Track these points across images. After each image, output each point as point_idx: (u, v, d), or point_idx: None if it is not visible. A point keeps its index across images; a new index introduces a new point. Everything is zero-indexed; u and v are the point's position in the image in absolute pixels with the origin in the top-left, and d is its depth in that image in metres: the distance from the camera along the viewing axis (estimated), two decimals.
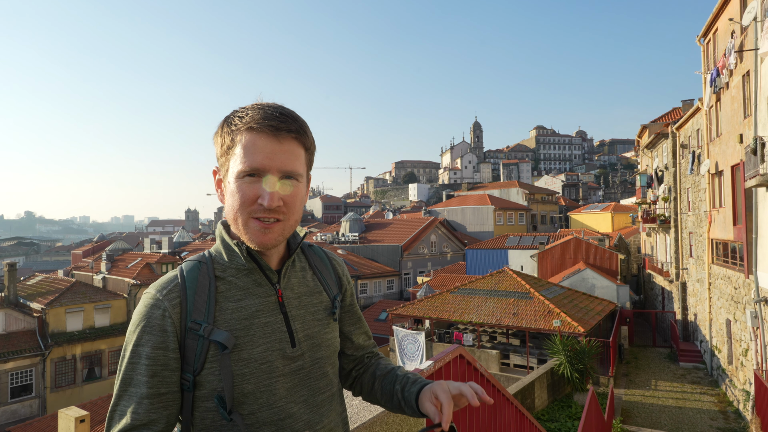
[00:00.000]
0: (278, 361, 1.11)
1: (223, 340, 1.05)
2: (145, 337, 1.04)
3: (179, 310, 1.07)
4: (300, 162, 1.10)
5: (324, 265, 1.35)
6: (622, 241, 34.91)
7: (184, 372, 1.06)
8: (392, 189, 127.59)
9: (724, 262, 15.42)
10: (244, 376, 1.06)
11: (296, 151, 1.08)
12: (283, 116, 1.07)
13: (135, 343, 1.05)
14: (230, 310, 1.10)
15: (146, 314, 1.06)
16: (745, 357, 13.40)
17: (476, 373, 3.42)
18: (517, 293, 19.77)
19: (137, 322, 1.06)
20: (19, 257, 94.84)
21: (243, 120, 1.06)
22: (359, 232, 48.70)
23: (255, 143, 1.04)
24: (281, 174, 1.06)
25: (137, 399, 1.02)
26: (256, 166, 1.04)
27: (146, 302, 1.08)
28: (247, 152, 1.04)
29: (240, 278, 1.13)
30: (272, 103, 1.11)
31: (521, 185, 64.07)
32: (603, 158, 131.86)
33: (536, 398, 14.08)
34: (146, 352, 1.03)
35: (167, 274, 1.14)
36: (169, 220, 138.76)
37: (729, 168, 14.47)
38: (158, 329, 1.05)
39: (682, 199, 21.53)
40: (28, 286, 29.46)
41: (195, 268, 1.14)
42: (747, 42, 12.64)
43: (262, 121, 1.05)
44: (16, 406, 22.67)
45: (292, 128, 1.07)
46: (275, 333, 1.12)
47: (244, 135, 1.05)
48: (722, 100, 15.16)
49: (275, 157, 1.05)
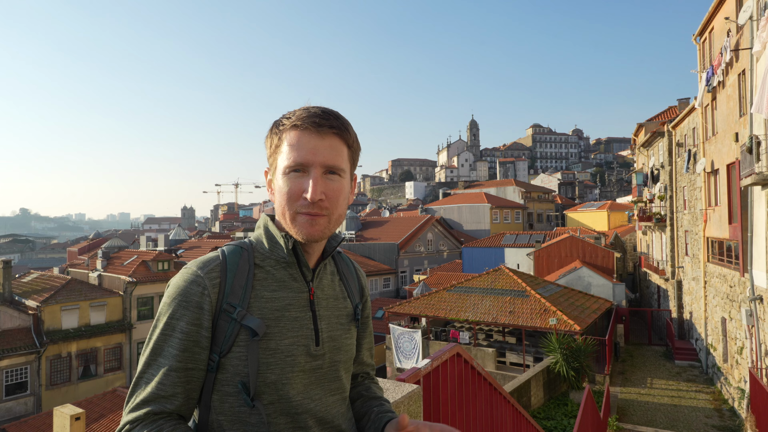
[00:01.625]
0: (301, 357, 1.13)
1: (255, 326, 1.07)
2: (180, 311, 1.06)
3: (218, 290, 1.09)
4: (342, 158, 1.14)
5: (350, 273, 1.38)
6: (618, 239, 35.02)
7: (211, 352, 1.08)
8: (389, 187, 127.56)
9: (719, 261, 15.49)
10: (269, 365, 1.08)
11: (338, 146, 1.13)
12: (326, 114, 1.13)
13: (170, 316, 1.06)
14: (265, 299, 1.12)
15: (185, 289, 1.07)
16: (740, 355, 13.48)
17: (473, 372, 3.41)
18: (514, 291, 19.81)
19: (174, 295, 1.07)
20: (14, 254, 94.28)
21: (289, 120, 1.12)
22: (356, 230, 48.69)
23: (299, 140, 1.10)
24: (324, 168, 1.10)
25: (165, 371, 1.03)
26: (300, 161, 1.09)
27: (186, 277, 1.09)
28: (292, 149, 1.10)
29: (278, 270, 1.16)
30: (317, 105, 1.17)
31: (518, 183, 64.19)
32: (599, 156, 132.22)
33: (532, 396, 14.12)
34: (181, 326, 1.05)
35: (209, 254, 1.16)
36: (165, 218, 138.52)
37: (725, 166, 14.53)
38: (195, 306, 1.06)
39: (678, 198, 21.61)
40: (23, 283, 29.28)
41: (236, 253, 1.16)
42: (743, 41, 12.67)
43: (306, 119, 1.11)
44: (11, 404, 22.58)
45: (333, 125, 1.12)
46: (303, 329, 1.14)
47: (290, 133, 1.12)
48: (718, 99, 15.21)
49: (318, 152, 1.10)
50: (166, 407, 1.03)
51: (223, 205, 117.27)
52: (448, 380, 2.90)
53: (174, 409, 1.04)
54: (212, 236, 59.53)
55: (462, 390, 3.15)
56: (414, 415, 2.21)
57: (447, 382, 2.88)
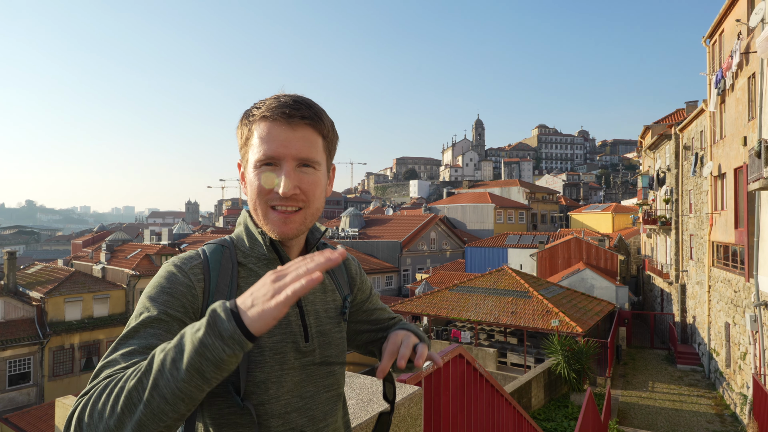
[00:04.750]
0: (291, 354, 1.09)
1: None
2: (164, 297, 0.97)
3: (203, 286, 1.04)
4: (316, 149, 1.08)
5: (337, 266, 1.33)
6: (622, 242, 34.88)
7: None
8: (393, 185, 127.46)
9: (724, 265, 15.38)
10: (258, 364, 1.04)
11: (312, 138, 1.07)
12: (297, 103, 1.06)
13: (152, 299, 0.96)
14: None
15: (170, 279, 1.00)
16: (744, 361, 13.39)
17: (476, 373, 3.39)
18: (516, 292, 19.76)
19: (157, 284, 0.99)
20: (19, 246, 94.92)
21: (259, 110, 1.06)
22: (359, 228, 48.68)
23: (269, 132, 1.04)
24: (297, 161, 1.05)
25: (138, 342, 0.90)
26: (271, 155, 1.04)
27: (170, 269, 1.02)
28: (263, 141, 1.04)
29: (260, 267, 1.12)
30: (289, 93, 1.10)
31: (522, 184, 63.98)
32: (605, 158, 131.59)
33: (533, 397, 14.09)
34: (161, 309, 0.95)
35: (187, 252, 1.10)
36: (169, 212, 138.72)
37: (732, 170, 14.41)
38: (180, 295, 0.99)
39: (684, 201, 21.48)
40: (27, 274, 29.47)
41: (218, 251, 1.12)
42: (753, 44, 12.55)
43: (276, 109, 1.04)
44: (13, 394, 22.74)
45: (305, 115, 1.06)
46: (291, 325, 1.11)
47: (260, 125, 1.06)
48: (727, 102, 15.08)
49: (290, 145, 1.04)
50: None
51: (227, 201, 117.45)
52: (450, 381, 2.88)
53: None
54: (216, 231, 59.71)
55: (464, 391, 3.13)
56: (415, 417, 2.19)
57: (449, 383, 2.85)
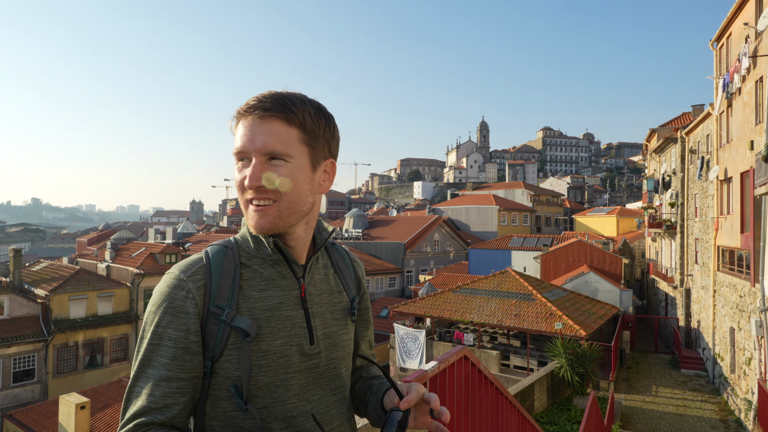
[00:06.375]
0: (295, 357, 1.09)
1: (246, 327, 1.03)
2: (166, 318, 1.01)
3: (203, 292, 1.05)
4: (287, 141, 1.06)
5: (345, 265, 1.33)
6: (627, 245, 34.74)
7: (204, 358, 1.04)
8: (397, 186, 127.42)
9: (729, 270, 15.29)
10: (261, 368, 1.04)
11: (280, 130, 1.05)
12: (266, 97, 1.07)
13: (156, 324, 1.02)
14: (253, 298, 1.08)
15: (169, 295, 1.03)
16: (749, 366, 13.30)
17: (480, 375, 3.38)
18: (520, 294, 19.70)
19: (158, 302, 1.03)
20: (24, 243, 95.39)
21: (238, 109, 1.09)
22: (363, 229, 48.69)
23: (240, 128, 1.07)
24: (265, 155, 1.05)
25: (155, 381, 0.99)
26: (240, 149, 1.06)
27: (169, 282, 1.05)
28: (236, 137, 1.07)
29: (265, 268, 1.12)
30: (274, 91, 1.11)
31: (526, 186, 63.84)
32: (610, 161, 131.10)
33: (536, 400, 14.05)
34: (168, 333, 1.01)
35: (192, 256, 1.12)
36: (173, 211, 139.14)
37: (738, 175, 14.33)
38: (181, 310, 1.02)
39: (689, 205, 21.37)
40: (32, 272, 29.62)
41: (221, 253, 1.12)
42: (761, 47, 12.48)
43: (246, 105, 1.07)
44: (18, 391, 22.85)
45: (270, 107, 1.05)
46: (295, 328, 1.10)
47: (237, 122, 1.09)
48: (734, 106, 15.00)
49: (255, 138, 1.05)
50: (158, 418, 0.98)
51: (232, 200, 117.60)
52: (455, 383, 2.87)
53: (165, 420, 0.99)
54: (220, 230, 59.84)
55: (468, 393, 3.12)
56: None
57: (453, 385, 2.85)
